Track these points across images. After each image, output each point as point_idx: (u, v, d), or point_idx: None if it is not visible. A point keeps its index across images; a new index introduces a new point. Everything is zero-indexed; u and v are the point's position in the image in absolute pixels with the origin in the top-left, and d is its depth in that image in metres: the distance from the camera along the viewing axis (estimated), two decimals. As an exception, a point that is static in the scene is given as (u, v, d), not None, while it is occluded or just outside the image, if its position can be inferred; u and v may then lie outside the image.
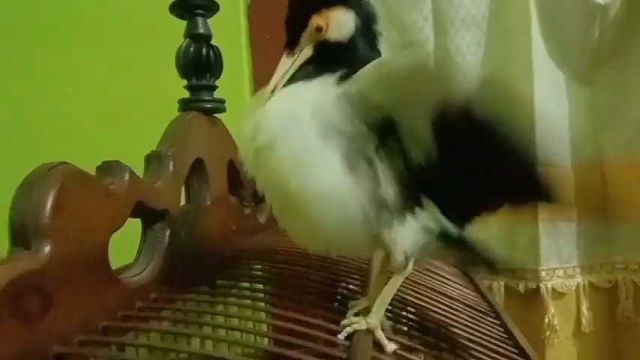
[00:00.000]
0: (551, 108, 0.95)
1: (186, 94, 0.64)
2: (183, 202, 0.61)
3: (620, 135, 0.95)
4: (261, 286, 0.54)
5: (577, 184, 0.95)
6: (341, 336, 0.42)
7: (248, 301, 0.50)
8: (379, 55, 0.44)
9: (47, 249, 0.33)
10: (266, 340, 0.48)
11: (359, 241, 0.42)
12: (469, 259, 0.51)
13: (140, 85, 0.89)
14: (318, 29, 0.42)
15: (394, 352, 0.42)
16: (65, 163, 0.37)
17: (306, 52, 0.43)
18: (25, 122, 0.95)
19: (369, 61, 0.41)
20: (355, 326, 0.42)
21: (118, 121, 0.91)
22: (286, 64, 0.43)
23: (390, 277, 0.45)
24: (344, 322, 0.43)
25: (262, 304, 0.49)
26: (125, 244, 0.50)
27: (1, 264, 0.31)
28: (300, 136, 0.38)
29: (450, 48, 0.98)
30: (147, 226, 0.49)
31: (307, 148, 0.38)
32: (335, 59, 0.42)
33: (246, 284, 0.54)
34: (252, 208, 0.76)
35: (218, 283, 0.53)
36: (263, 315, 0.50)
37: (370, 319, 0.43)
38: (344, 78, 0.40)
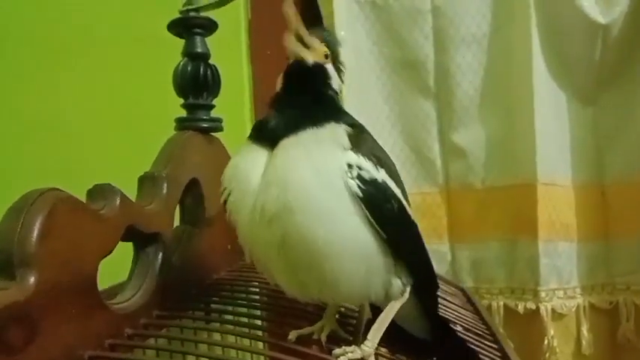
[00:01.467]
0: (553, 127, 0.95)
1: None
2: (177, 221, 0.60)
3: (621, 155, 0.95)
4: (257, 312, 0.53)
5: (578, 204, 0.95)
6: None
7: (245, 329, 0.49)
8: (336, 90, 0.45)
9: (32, 279, 0.32)
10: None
11: (374, 288, 0.42)
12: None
13: (141, 100, 0.89)
14: (326, 56, 0.45)
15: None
16: (55, 189, 0.36)
17: (310, 55, 0.43)
18: (26, 135, 0.95)
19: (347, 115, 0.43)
20: (350, 355, 0.42)
21: (118, 135, 0.91)
22: (304, 32, 0.43)
23: None
24: (336, 351, 0.42)
25: (259, 332, 0.48)
26: (118, 264, 0.49)
27: (-16, 295, 0.30)
28: (329, 192, 0.38)
29: (450, 66, 0.97)
30: (139, 249, 0.49)
31: (336, 204, 0.38)
32: (320, 97, 0.44)
33: (244, 309, 0.53)
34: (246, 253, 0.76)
35: (212, 307, 0.53)
36: (260, 345, 0.49)
37: (365, 346, 0.42)
38: (355, 138, 0.41)
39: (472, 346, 0.53)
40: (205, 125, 0.62)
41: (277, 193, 0.38)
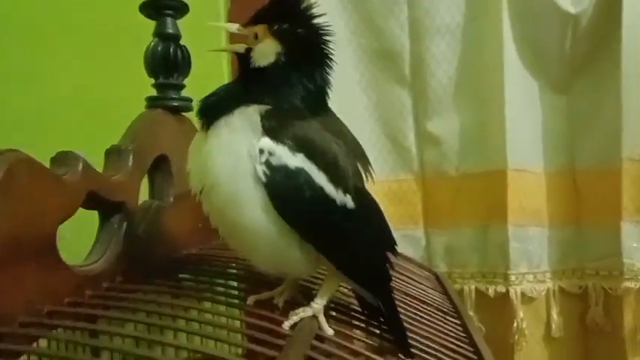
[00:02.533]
0: (524, 115, 0.97)
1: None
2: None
3: (593, 143, 0.97)
4: (221, 281, 0.54)
5: (549, 190, 0.98)
6: (286, 325, 0.43)
7: (208, 294, 0.51)
8: (309, 92, 0.45)
9: (-11, 232, 0.34)
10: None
11: (297, 265, 0.44)
12: None
13: (111, 83, 0.90)
14: (255, 37, 0.45)
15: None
16: (15, 150, 0.38)
17: (240, 46, 0.46)
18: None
19: (286, 96, 0.43)
20: (301, 314, 0.44)
21: (89, 118, 0.92)
22: (234, 28, 0.46)
23: None
24: (291, 313, 0.44)
25: (221, 298, 0.50)
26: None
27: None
28: (235, 178, 0.41)
29: (425, 56, 0.99)
30: (104, 218, 0.50)
31: (241, 189, 0.41)
32: (254, 76, 0.45)
33: (206, 278, 0.55)
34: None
35: (176, 277, 0.54)
36: (223, 308, 0.51)
37: (315, 304, 0.44)
38: (271, 119, 0.42)
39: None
40: (175, 104, 0.64)
41: (202, 176, 0.43)
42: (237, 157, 0.41)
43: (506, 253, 0.92)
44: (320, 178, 0.41)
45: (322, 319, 0.45)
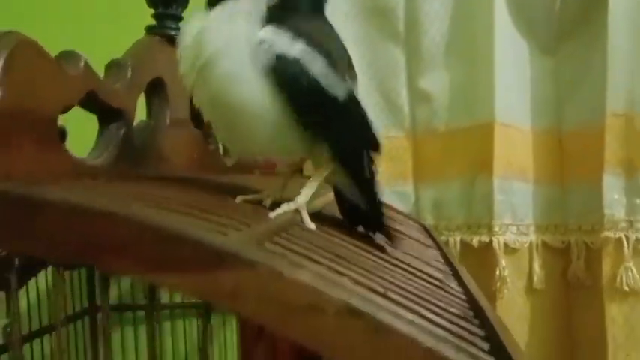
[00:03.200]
0: (513, 75, 0.99)
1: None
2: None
3: (579, 105, 0.99)
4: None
5: (535, 148, 1.00)
6: (271, 214, 0.45)
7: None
8: None
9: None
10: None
11: (292, 146, 0.47)
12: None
13: (112, 13, 0.93)
14: None
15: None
16: (18, 32, 0.40)
17: None
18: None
19: None
20: (285, 208, 0.46)
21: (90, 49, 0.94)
22: None
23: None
24: (275, 209, 0.47)
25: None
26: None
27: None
28: (234, 56, 0.42)
29: (419, 14, 1.02)
30: (103, 123, 0.53)
31: (239, 67, 0.42)
32: None
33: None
34: (218, 149, 0.80)
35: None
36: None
37: (298, 199, 0.47)
38: (275, 9, 0.44)
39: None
40: (173, 33, 0.67)
41: (198, 53, 0.43)
42: (237, 35, 0.43)
43: (491, 204, 0.95)
44: (320, 62, 0.44)
45: (305, 214, 0.47)
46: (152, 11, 0.68)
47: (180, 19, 0.68)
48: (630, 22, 0.92)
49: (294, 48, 0.43)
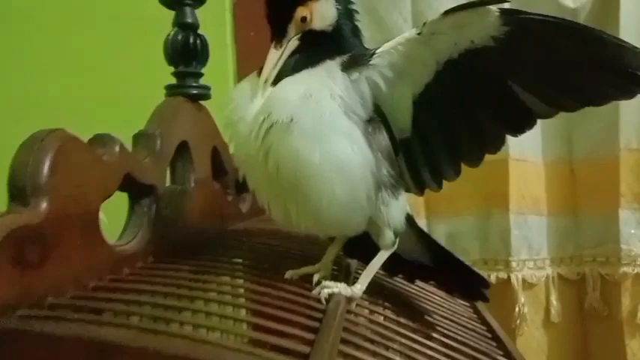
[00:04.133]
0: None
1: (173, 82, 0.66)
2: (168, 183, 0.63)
3: (590, 133, 1.00)
4: (240, 260, 0.56)
5: (547, 179, 1.00)
6: (318, 292, 0.44)
7: (227, 278, 0.52)
8: (361, 40, 0.48)
9: (44, 205, 0.35)
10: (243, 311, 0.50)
11: (356, 219, 0.45)
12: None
13: (131, 72, 0.92)
14: (303, 20, 0.46)
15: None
16: (62, 129, 0.39)
17: (293, 42, 0.46)
18: (18, 108, 0.96)
19: (355, 46, 0.46)
20: (336, 290, 0.44)
21: (110, 106, 0.93)
22: (275, 56, 0.46)
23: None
24: (325, 283, 0.45)
25: (240, 274, 0.51)
26: (112, 225, 0.52)
27: (1, 216, 0.33)
28: (321, 111, 0.42)
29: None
30: (134, 201, 0.52)
31: (329, 123, 0.42)
32: (322, 46, 0.45)
33: (226, 259, 0.57)
34: (235, 196, 0.79)
35: (201, 258, 0.56)
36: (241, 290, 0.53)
37: (356, 288, 0.45)
38: (348, 64, 0.44)
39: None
40: (194, 92, 0.65)
41: (268, 116, 0.42)
42: (321, 92, 0.42)
43: (508, 240, 0.95)
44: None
45: (354, 303, 0.46)
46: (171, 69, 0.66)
47: (200, 76, 0.67)
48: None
49: (385, 73, 0.43)
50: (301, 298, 0.44)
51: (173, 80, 0.66)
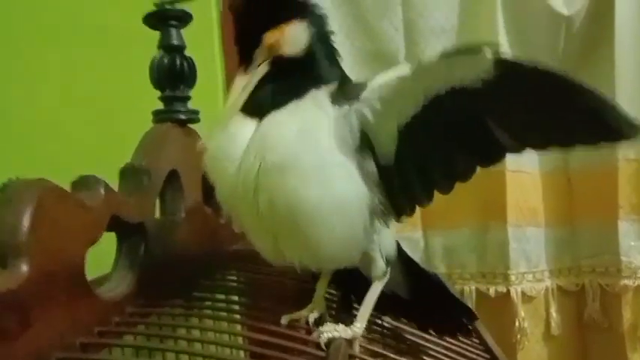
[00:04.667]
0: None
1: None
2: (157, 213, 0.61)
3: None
4: (236, 298, 0.54)
5: (544, 190, 0.99)
6: (322, 340, 0.42)
7: (224, 314, 0.50)
8: (338, 64, 0.45)
9: (24, 268, 0.33)
10: (242, 352, 0.48)
11: (353, 253, 0.44)
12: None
13: (117, 94, 0.89)
14: (273, 44, 0.43)
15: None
16: (41, 179, 0.37)
17: (262, 69, 0.43)
18: (4, 132, 0.94)
19: (332, 73, 0.43)
20: (336, 334, 0.43)
21: (96, 130, 0.91)
22: (243, 81, 0.43)
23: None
24: (324, 327, 0.43)
25: (238, 317, 0.50)
26: (101, 257, 0.50)
27: (-23, 283, 0.31)
28: (319, 149, 0.40)
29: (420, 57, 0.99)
30: (122, 240, 0.49)
31: (327, 161, 0.40)
32: (297, 74, 0.43)
33: (222, 296, 0.55)
34: (228, 218, 0.77)
35: (194, 295, 0.54)
36: (239, 327, 0.51)
37: (355, 327, 0.44)
38: (337, 96, 0.42)
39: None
40: (183, 117, 0.63)
41: (259, 156, 0.40)
42: (316, 129, 0.40)
43: (506, 253, 0.93)
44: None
45: (357, 345, 0.44)
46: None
47: (188, 99, 0.64)
48: (636, 65, 0.91)
49: (374, 105, 0.41)
50: (300, 344, 0.42)
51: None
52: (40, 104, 0.94)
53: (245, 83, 0.43)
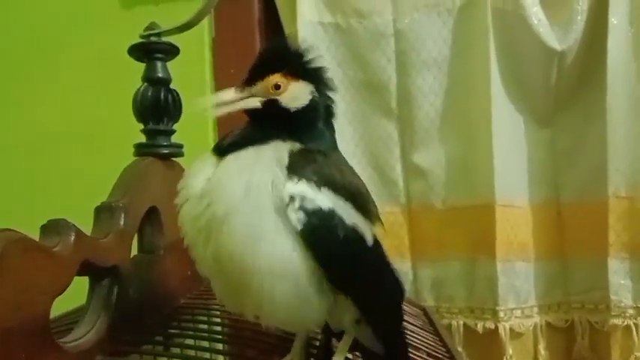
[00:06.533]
0: (510, 149, 0.97)
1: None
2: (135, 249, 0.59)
3: (576, 176, 0.97)
4: (219, 346, 0.52)
5: (535, 223, 0.98)
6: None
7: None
8: (329, 131, 0.45)
9: (-20, 326, 0.31)
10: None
11: (313, 314, 0.41)
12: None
13: (102, 124, 0.88)
14: (276, 87, 0.43)
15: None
16: (6, 230, 0.35)
17: (254, 101, 0.43)
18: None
19: (318, 136, 0.43)
20: None
21: (78, 160, 0.90)
22: (229, 94, 0.43)
23: None
24: None
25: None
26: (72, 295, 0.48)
27: None
28: (260, 208, 0.38)
29: (411, 89, 0.99)
30: (94, 283, 0.48)
31: (267, 221, 0.38)
32: (280, 122, 0.43)
33: (206, 343, 0.53)
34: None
35: (174, 341, 0.52)
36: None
37: None
38: (298, 155, 0.41)
39: None
40: (165, 151, 0.62)
41: (208, 204, 0.39)
42: (259, 186, 0.38)
43: (495, 288, 0.92)
44: (351, 213, 0.40)
45: None
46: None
47: (171, 133, 0.63)
48: (629, 98, 0.91)
49: (325, 202, 0.39)
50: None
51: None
52: (19, 138, 0.93)
53: (230, 97, 0.43)
